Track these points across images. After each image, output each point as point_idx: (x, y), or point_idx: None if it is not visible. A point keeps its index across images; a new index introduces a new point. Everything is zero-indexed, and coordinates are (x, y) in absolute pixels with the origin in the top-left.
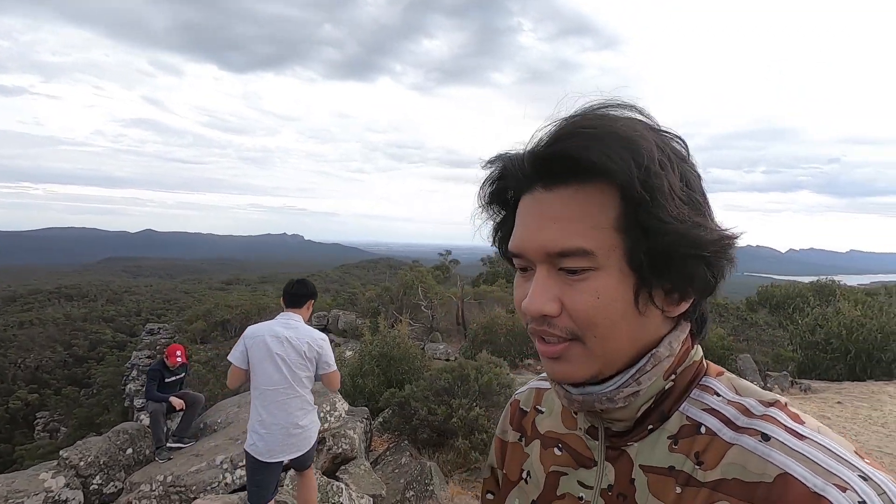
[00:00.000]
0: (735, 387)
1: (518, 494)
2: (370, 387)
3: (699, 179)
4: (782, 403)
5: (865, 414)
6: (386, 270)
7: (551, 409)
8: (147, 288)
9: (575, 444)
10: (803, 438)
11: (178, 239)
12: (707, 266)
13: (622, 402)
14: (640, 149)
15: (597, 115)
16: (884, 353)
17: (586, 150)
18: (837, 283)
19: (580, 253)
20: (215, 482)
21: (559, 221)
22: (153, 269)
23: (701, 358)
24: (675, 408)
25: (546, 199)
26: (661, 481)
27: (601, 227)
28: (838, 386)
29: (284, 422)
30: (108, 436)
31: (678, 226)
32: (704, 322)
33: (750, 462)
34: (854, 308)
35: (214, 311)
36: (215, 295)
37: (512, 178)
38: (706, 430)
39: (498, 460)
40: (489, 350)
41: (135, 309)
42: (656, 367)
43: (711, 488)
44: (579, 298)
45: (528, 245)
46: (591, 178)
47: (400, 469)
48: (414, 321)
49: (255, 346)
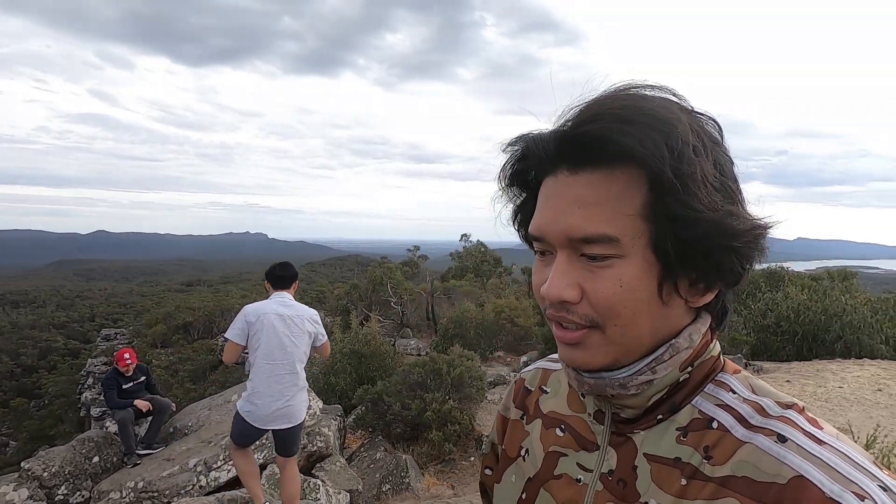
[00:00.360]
0: (752, 385)
1: (515, 471)
2: (342, 385)
3: (732, 165)
4: (800, 407)
5: (811, 391)
6: (354, 267)
7: (556, 390)
8: (101, 291)
9: (578, 427)
10: (822, 443)
11: (134, 240)
12: (737, 257)
13: (635, 390)
14: (675, 132)
15: (628, 95)
16: (827, 334)
17: (617, 132)
18: (786, 269)
19: (605, 240)
20: (189, 485)
21: (584, 206)
22: (107, 271)
23: (719, 353)
24: (687, 400)
25: (571, 183)
26: (665, 471)
27: (627, 213)
28: (787, 366)
29: (279, 396)
30: (72, 445)
31: (710, 215)
32: (725, 314)
33: (763, 462)
34: (801, 292)
35: (175, 313)
36: (175, 297)
37: (535, 160)
38: (718, 426)
39: (498, 436)
40: (460, 344)
41: (88, 314)
42: (673, 358)
43: (719, 484)
44: (601, 286)
45: (551, 229)
46: (619, 162)
47: (375, 464)
48: (384, 317)
49: (259, 324)
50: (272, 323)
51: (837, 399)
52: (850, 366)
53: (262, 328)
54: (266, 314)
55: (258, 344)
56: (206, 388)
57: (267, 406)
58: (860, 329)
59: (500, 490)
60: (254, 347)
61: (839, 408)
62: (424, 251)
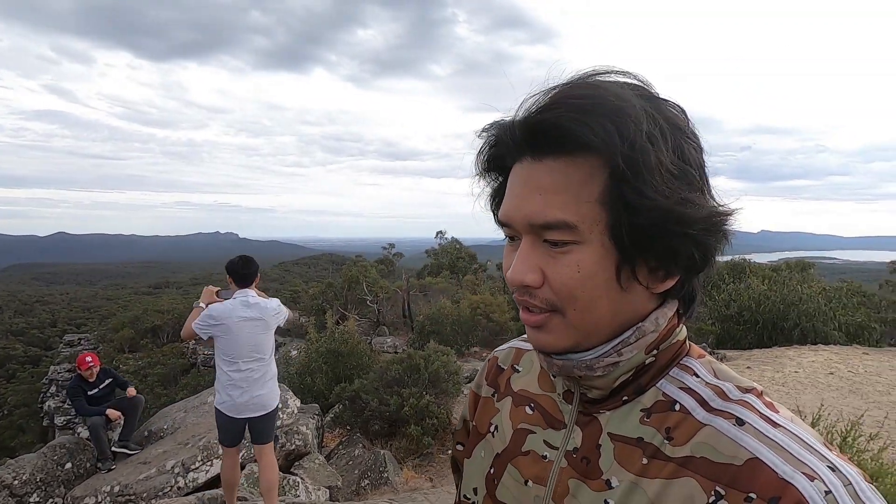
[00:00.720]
0: (714, 370)
1: (484, 447)
2: (318, 385)
3: (699, 151)
4: (758, 391)
5: (770, 376)
6: (328, 266)
7: (528, 369)
8: (63, 296)
9: (547, 406)
10: (777, 426)
11: (97, 241)
12: (695, 244)
13: (601, 372)
14: (627, 120)
15: (586, 84)
16: (785, 322)
17: (571, 122)
18: (748, 261)
19: (563, 226)
20: (167, 487)
21: (544, 193)
22: (69, 275)
23: (685, 338)
24: (652, 383)
25: (533, 170)
26: (627, 450)
27: (585, 200)
28: (749, 353)
29: (252, 388)
30: (43, 451)
31: (662, 202)
32: (693, 301)
33: (721, 443)
34: (762, 283)
35: (143, 317)
36: (143, 300)
37: (504, 146)
38: (680, 408)
39: (470, 412)
40: (436, 340)
41: (49, 319)
42: (639, 341)
43: (679, 464)
44: (560, 271)
45: (514, 215)
46: (579, 150)
47: (354, 460)
48: (360, 316)
49: (225, 328)
50: (239, 326)
51: (793, 383)
52: (806, 351)
53: (229, 331)
54: (231, 318)
55: (227, 346)
56: (177, 393)
57: (240, 396)
58: (815, 317)
59: (469, 465)
60: (222, 348)
61: (794, 391)
62: (400, 249)
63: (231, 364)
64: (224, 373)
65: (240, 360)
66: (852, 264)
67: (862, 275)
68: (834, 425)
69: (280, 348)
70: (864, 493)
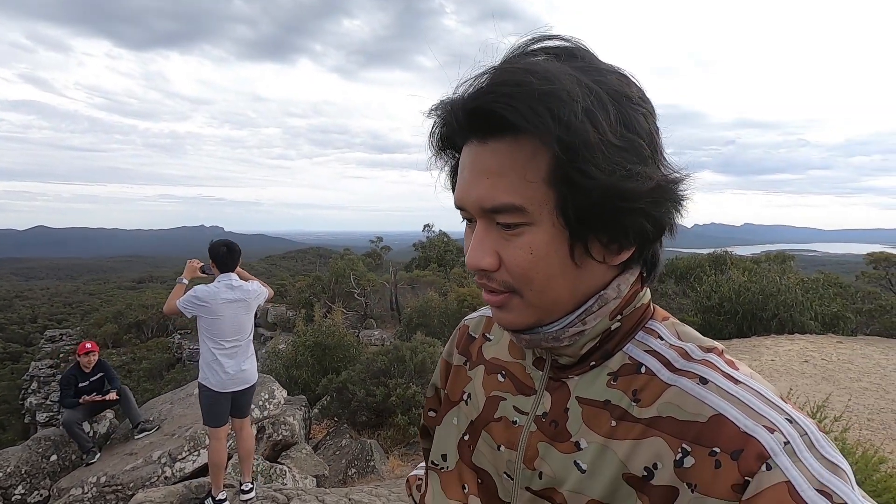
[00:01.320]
0: (678, 332)
1: (456, 414)
2: (305, 377)
3: (649, 117)
4: (719, 350)
5: (747, 364)
6: (315, 260)
7: (499, 337)
8: (43, 291)
9: (517, 373)
10: (738, 383)
11: (78, 235)
12: (644, 216)
13: (568, 341)
14: (559, 100)
15: (516, 67)
16: (764, 312)
17: (502, 107)
18: (729, 253)
19: (511, 209)
20: (154, 477)
21: (491, 176)
22: (49, 269)
23: (649, 301)
24: (619, 347)
25: (479, 153)
26: (595, 413)
27: (532, 181)
28: (728, 343)
29: (235, 364)
30: (27, 444)
31: (604, 179)
32: (656, 265)
33: (686, 402)
34: (742, 274)
35: (126, 312)
36: (126, 295)
37: (451, 128)
38: (646, 371)
39: (442, 380)
40: (423, 332)
41: (29, 315)
42: (602, 309)
43: (646, 425)
44: (514, 254)
45: (466, 199)
46: (521, 130)
47: (341, 450)
48: (347, 309)
49: (209, 310)
50: (223, 308)
51: (769, 371)
52: (783, 341)
53: (214, 313)
54: (216, 301)
55: (211, 325)
56: (163, 387)
57: (225, 371)
58: (792, 307)
59: (441, 430)
60: (207, 328)
61: (770, 378)
62: (387, 242)
63: (216, 342)
64: (209, 350)
65: (223, 340)
66: (832, 256)
67: (840, 267)
68: (801, 409)
69: (268, 342)
70: (818, 442)
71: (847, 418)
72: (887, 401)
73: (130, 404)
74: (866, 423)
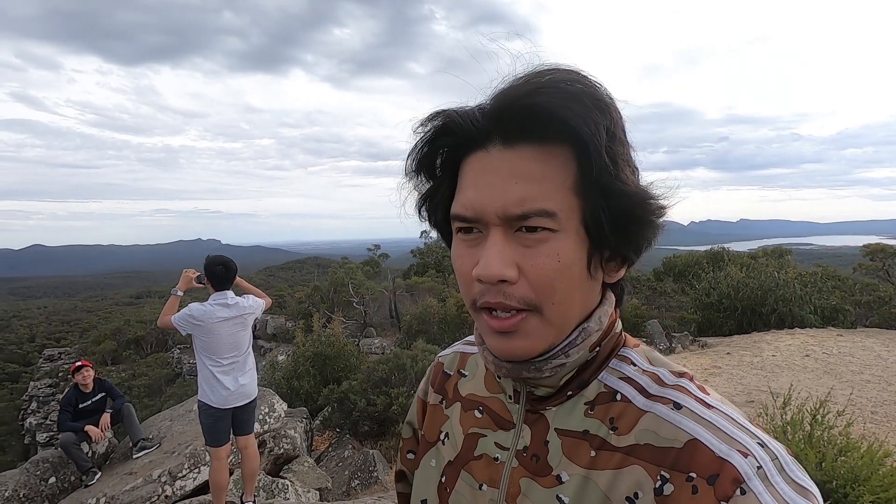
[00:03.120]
0: (649, 358)
1: (434, 455)
2: (306, 388)
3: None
4: (690, 375)
5: (748, 360)
6: (314, 270)
7: (474, 372)
8: (41, 310)
9: (496, 407)
10: (711, 408)
11: (74, 253)
12: (654, 229)
13: (549, 373)
14: (611, 115)
15: (570, 75)
16: (763, 307)
17: (563, 108)
18: (727, 249)
19: (544, 214)
20: (154, 496)
21: (522, 181)
22: (46, 288)
23: (621, 330)
24: (594, 376)
25: (506, 157)
26: (574, 444)
27: (562, 188)
28: (729, 339)
29: (233, 380)
30: (25, 467)
31: (633, 189)
32: (623, 292)
33: (662, 428)
34: (740, 270)
35: (125, 328)
36: (124, 311)
37: (459, 135)
38: (621, 398)
39: (419, 420)
40: (424, 339)
41: (27, 335)
42: (584, 342)
43: (625, 453)
44: (540, 262)
45: (488, 206)
46: (554, 137)
47: (343, 462)
48: (347, 318)
49: (205, 329)
50: (219, 327)
51: (771, 366)
52: (784, 335)
53: (210, 332)
54: (211, 320)
55: (207, 344)
56: (163, 403)
57: (225, 388)
58: (791, 301)
59: (419, 475)
60: (202, 346)
61: (772, 374)
62: (385, 249)
63: (213, 360)
64: (206, 367)
65: (220, 357)
66: (828, 249)
67: (837, 259)
68: (804, 404)
69: (267, 354)
70: (787, 466)
71: (850, 412)
72: (890, 392)
73: (133, 422)
74: (870, 416)
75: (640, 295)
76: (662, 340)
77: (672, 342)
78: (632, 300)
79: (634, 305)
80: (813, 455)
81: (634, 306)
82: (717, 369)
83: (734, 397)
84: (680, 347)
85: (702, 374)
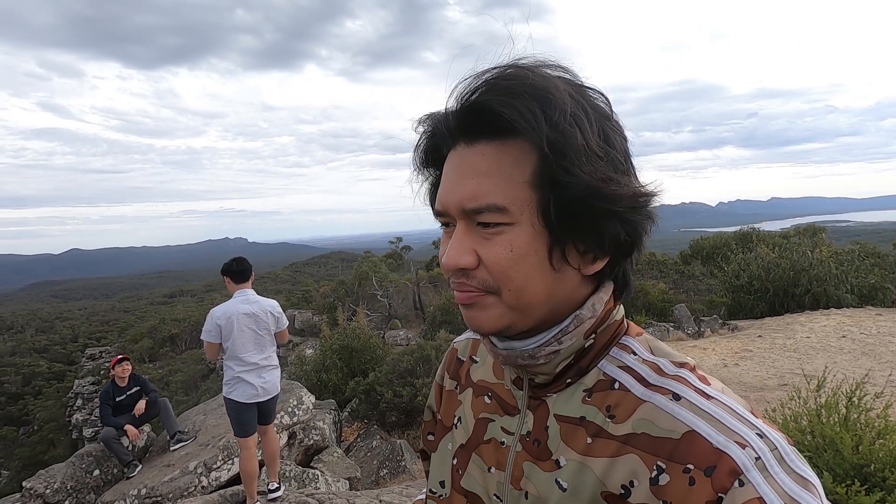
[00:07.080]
0: (651, 347)
1: (450, 439)
2: (334, 380)
3: (624, 141)
4: (691, 365)
5: (781, 343)
6: (338, 264)
7: (484, 359)
8: (81, 311)
9: (502, 393)
10: (709, 398)
11: (110, 255)
12: (621, 223)
13: (543, 360)
14: (552, 102)
15: (512, 71)
16: (796, 289)
17: (500, 104)
18: (756, 229)
19: (493, 209)
20: (191, 487)
21: (476, 176)
22: (85, 290)
23: (622, 318)
24: (593, 364)
25: (466, 155)
26: (572, 430)
27: (516, 182)
28: (760, 322)
29: (257, 376)
30: (71, 461)
31: (587, 179)
32: (627, 283)
33: (660, 419)
34: (770, 251)
35: (160, 326)
36: (159, 310)
37: (440, 135)
38: (620, 386)
39: (436, 404)
40: (448, 330)
41: (70, 335)
42: (578, 328)
43: (621, 441)
44: (493, 251)
45: (448, 200)
46: (510, 133)
47: (372, 452)
48: (372, 311)
49: (229, 325)
50: (241, 322)
51: (805, 349)
52: (818, 316)
53: (233, 328)
54: (234, 315)
55: (232, 341)
56: (199, 398)
57: (250, 385)
58: (826, 281)
59: (436, 457)
60: (230, 352)
61: (806, 356)
62: (407, 241)
63: (238, 361)
64: (231, 369)
65: (245, 355)
66: (867, 225)
67: (877, 236)
68: (839, 386)
69: (295, 348)
70: (787, 456)
71: (890, 393)
72: None
73: (169, 415)
74: None
75: (667, 279)
76: (690, 325)
77: (700, 326)
78: (659, 284)
79: (662, 290)
80: (849, 438)
81: (662, 290)
82: (748, 353)
83: (766, 381)
84: (709, 331)
85: (732, 357)
